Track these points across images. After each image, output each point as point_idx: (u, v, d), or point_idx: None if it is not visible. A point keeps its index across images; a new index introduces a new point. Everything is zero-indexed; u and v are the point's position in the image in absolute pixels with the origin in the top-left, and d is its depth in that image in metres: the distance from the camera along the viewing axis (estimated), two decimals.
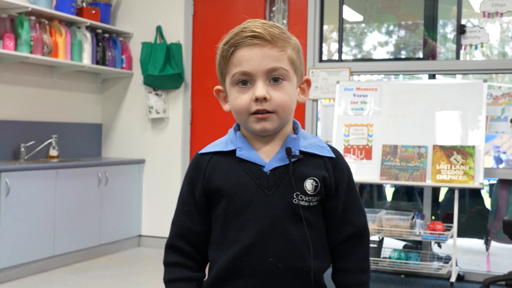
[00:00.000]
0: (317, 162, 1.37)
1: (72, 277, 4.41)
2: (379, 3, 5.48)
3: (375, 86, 4.59)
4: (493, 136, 7.05)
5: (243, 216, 1.33)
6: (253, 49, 1.30)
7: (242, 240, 1.32)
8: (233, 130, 1.41)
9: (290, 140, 1.37)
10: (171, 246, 1.42)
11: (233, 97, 1.35)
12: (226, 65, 1.34)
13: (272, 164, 1.34)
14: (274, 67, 1.31)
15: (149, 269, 4.75)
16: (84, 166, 4.92)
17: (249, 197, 1.33)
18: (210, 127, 5.47)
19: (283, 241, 1.32)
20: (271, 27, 1.32)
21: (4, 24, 4.53)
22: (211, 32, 5.47)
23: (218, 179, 1.35)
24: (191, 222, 1.39)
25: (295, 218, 1.33)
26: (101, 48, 5.37)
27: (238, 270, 1.33)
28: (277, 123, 1.33)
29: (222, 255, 1.35)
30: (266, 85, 1.31)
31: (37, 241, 4.45)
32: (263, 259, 1.31)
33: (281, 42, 1.32)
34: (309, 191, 1.34)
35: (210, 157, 1.39)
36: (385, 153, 4.37)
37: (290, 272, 1.32)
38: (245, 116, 1.33)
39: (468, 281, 4.53)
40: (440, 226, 4.21)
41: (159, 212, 5.53)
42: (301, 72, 1.39)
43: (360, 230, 1.41)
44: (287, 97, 1.32)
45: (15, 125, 4.90)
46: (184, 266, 1.39)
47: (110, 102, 5.78)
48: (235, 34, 1.32)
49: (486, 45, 4.76)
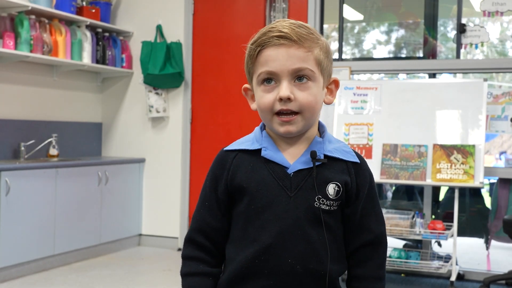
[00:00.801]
0: (340, 167, 1.37)
1: (72, 276, 4.41)
2: (380, 2, 5.48)
3: (375, 85, 4.59)
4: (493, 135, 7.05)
5: (264, 216, 1.33)
6: (279, 49, 1.30)
7: (262, 239, 1.33)
8: (259, 129, 1.41)
9: (316, 144, 1.37)
10: (190, 239, 1.42)
11: (258, 96, 1.35)
12: (253, 64, 1.35)
13: (296, 166, 1.35)
14: (300, 67, 1.31)
15: (149, 268, 4.75)
16: (84, 165, 4.92)
17: (272, 197, 1.33)
18: (210, 126, 5.47)
19: (303, 243, 1.32)
20: (298, 27, 1.32)
21: (4, 23, 4.52)
22: (211, 31, 5.47)
23: (242, 177, 1.36)
24: (211, 217, 1.39)
25: (315, 221, 1.33)
26: (101, 47, 5.36)
27: (256, 269, 1.33)
28: (301, 124, 1.33)
29: (241, 253, 1.35)
30: (291, 85, 1.31)
31: (37, 240, 4.45)
32: (282, 260, 1.32)
33: (308, 43, 1.31)
34: (331, 196, 1.34)
35: (235, 155, 1.39)
36: (385, 152, 4.36)
37: (308, 274, 1.32)
38: (269, 115, 1.34)
39: (468, 280, 4.53)
40: (440, 225, 4.21)
41: (159, 211, 5.53)
42: (329, 73, 1.38)
43: (377, 238, 1.40)
44: (312, 98, 1.32)
45: (15, 124, 4.90)
46: (201, 261, 1.39)
47: (110, 101, 5.78)
48: (263, 33, 1.33)
49: (487, 44, 4.76)
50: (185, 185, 5.51)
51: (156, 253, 5.29)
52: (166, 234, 5.51)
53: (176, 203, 5.49)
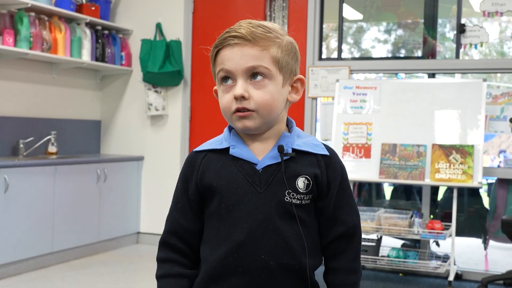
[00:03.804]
0: (310, 160, 1.37)
1: (70, 274, 4.41)
2: (379, 2, 5.48)
3: (375, 84, 4.59)
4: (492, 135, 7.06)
5: (235, 214, 1.34)
6: (234, 49, 1.33)
7: (233, 237, 1.33)
8: (227, 129, 1.42)
9: (283, 138, 1.38)
10: (164, 242, 1.43)
11: (219, 96, 1.38)
12: (213, 66, 1.39)
13: (265, 162, 1.35)
14: (253, 65, 1.32)
15: (147, 266, 4.74)
16: (83, 163, 4.92)
17: (241, 194, 1.34)
18: (209, 124, 5.47)
19: (275, 238, 1.32)
20: (255, 27, 1.34)
21: (4, 20, 4.52)
22: (210, 30, 5.46)
23: (211, 176, 1.36)
24: (184, 219, 1.40)
25: (287, 216, 1.34)
26: (101, 44, 5.36)
27: (230, 268, 1.33)
28: (258, 121, 1.34)
29: (214, 253, 1.35)
30: (246, 83, 1.33)
31: (35, 238, 4.45)
32: (255, 257, 1.32)
33: (263, 42, 1.33)
34: (301, 189, 1.35)
35: (204, 155, 1.40)
36: (384, 151, 4.37)
37: (282, 269, 1.33)
38: (229, 114, 1.35)
39: (466, 280, 4.54)
40: (438, 225, 4.21)
41: (157, 209, 5.53)
42: (292, 71, 1.38)
43: (351, 230, 1.40)
44: (268, 96, 1.33)
45: (14, 121, 4.89)
46: (176, 263, 1.40)
47: (109, 99, 5.78)
48: (221, 36, 1.36)
49: (486, 45, 4.76)
50: None
51: (154, 251, 5.25)
52: None
53: None
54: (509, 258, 5.36)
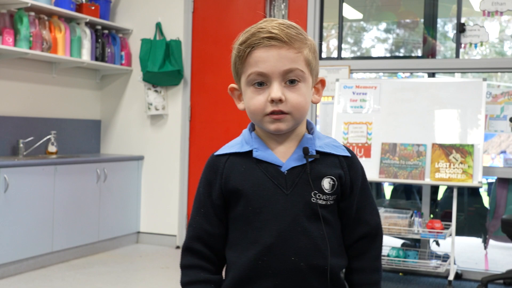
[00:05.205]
0: (333, 161, 1.38)
1: (70, 273, 4.41)
2: (379, 1, 5.48)
3: (375, 84, 4.59)
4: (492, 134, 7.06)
5: (263, 216, 1.33)
6: (270, 51, 1.30)
7: (263, 240, 1.32)
8: (247, 131, 1.41)
9: (306, 140, 1.38)
10: (188, 248, 1.40)
11: (248, 97, 1.35)
12: (242, 65, 1.35)
13: (289, 164, 1.35)
14: (290, 68, 1.31)
15: (147, 266, 4.75)
16: (82, 163, 4.92)
17: (268, 197, 1.33)
18: (209, 124, 5.47)
19: (304, 240, 1.32)
20: (288, 27, 1.32)
21: (4, 19, 4.52)
22: (210, 29, 5.46)
23: (236, 180, 1.35)
24: (208, 224, 1.39)
25: (314, 217, 1.34)
26: (101, 44, 5.36)
27: (259, 271, 1.33)
28: (291, 123, 1.34)
29: (242, 256, 1.34)
30: (281, 86, 1.31)
31: (35, 237, 4.45)
32: (285, 259, 1.32)
33: (297, 43, 1.32)
34: (327, 190, 1.35)
35: (226, 158, 1.39)
36: (384, 151, 4.37)
37: (312, 270, 1.33)
38: (260, 116, 1.34)
39: (466, 280, 4.54)
40: (438, 224, 4.21)
41: (157, 209, 5.53)
42: (317, 73, 1.39)
43: (374, 230, 1.42)
44: (302, 98, 1.33)
45: (14, 121, 4.89)
46: (201, 269, 1.38)
47: (109, 99, 5.78)
48: (252, 34, 1.32)
49: (486, 44, 4.76)
50: (184, 183, 5.51)
51: (154, 250, 5.29)
52: (164, 232, 5.51)
53: (174, 201, 5.48)
54: (509, 258, 5.36)
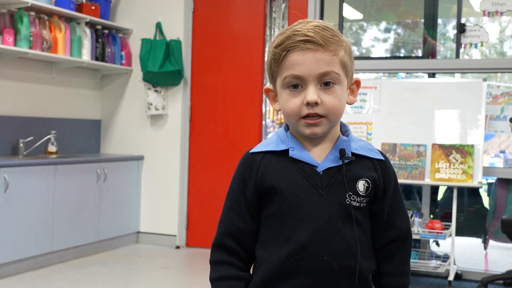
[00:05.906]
0: (367, 164, 1.39)
1: (70, 273, 4.41)
2: (379, 1, 5.48)
3: (375, 84, 4.59)
4: (492, 135, 7.06)
5: (298, 215, 1.33)
6: (306, 54, 1.30)
7: (296, 238, 1.33)
8: (283, 130, 1.42)
9: (342, 142, 1.38)
10: (218, 244, 1.40)
11: (284, 99, 1.35)
12: (277, 68, 1.35)
13: (325, 164, 1.36)
14: (326, 71, 1.31)
15: (147, 266, 4.74)
16: (82, 162, 4.92)
17: (303, 196, 1.34)
18: (209, 124, 5.46)
19: (337, 240, 1.33)
20: (323, 30, 1.31)
21: (4, 19, 4.52)
22: (211, 29, 5.46)
23: (272, 177, 1.36)
24: (240, 220, 1.39)
25: (347, 218, 1.34)
26: (101, 44, 5.36)
27: (291, 269, 1.33)
28: (327, 127, 1.34)
29: (274, 254, 1.34)
30: (317, 89, 1.31)
31: (35, 237, 4.45)
32: (318, 258, 1.32)
33: (333, 46, 1.32)
34: (361, 192, 1.36)
35: (262, 156, 1.39)
36: (384, 151, 4.37)
37: (343, 271, 1.33)
38: (295, 119, 1.34)
39: (466, 280, 4.54)
40: (438, 224, 4.21)
41: (157, 209, 5.53)
42: (352, 73, 1.39)
43: (404, 234, 1.42)
44: (338, 101, 1.33)
45: (14, 121, 4.89)
46: (231, 265, 1.38)
47: (109, 99, 5.78)
48: (287, 37, 1.32)
49: (486, 44, 4.76)
50: (184, 183, 5.51)
51: (154, 250, 5.29)
52: (164, 232, 5.51)
53: (174, 201, 5.48)
54: (509, 258, 5.36)
